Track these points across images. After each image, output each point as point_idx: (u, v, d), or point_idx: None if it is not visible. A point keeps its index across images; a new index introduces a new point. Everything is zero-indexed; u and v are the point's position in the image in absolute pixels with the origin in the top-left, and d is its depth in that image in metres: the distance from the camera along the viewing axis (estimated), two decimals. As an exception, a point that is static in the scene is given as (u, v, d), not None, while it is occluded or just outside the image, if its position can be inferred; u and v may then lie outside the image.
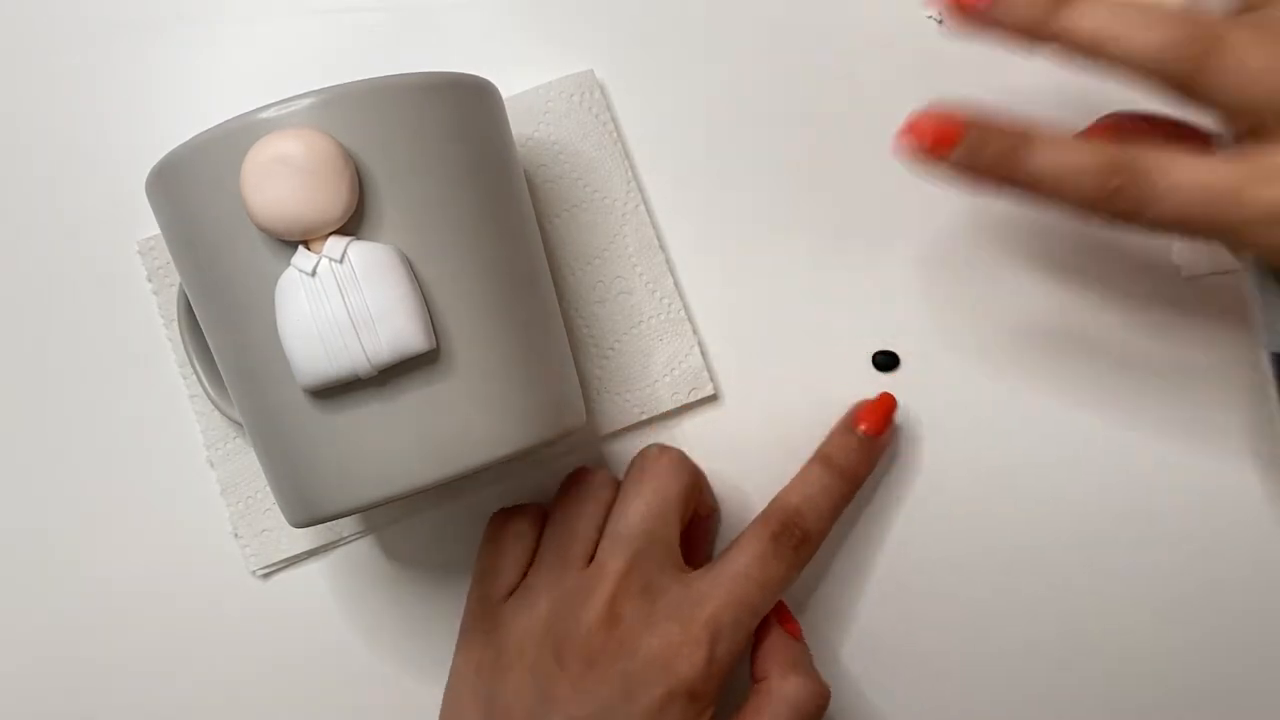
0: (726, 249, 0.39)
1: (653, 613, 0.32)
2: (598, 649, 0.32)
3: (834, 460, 0.36)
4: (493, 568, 0.35)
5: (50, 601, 0.39)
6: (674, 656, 0.31)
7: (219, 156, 0.28)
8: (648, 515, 0.34)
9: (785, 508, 0.35)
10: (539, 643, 0.32)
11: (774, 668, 0.34)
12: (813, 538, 0.34)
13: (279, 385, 0.29)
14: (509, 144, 0.33)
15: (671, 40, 0.39)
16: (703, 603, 0.32)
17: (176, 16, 0.40)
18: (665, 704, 0.31)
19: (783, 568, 0.34)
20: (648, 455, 0.35)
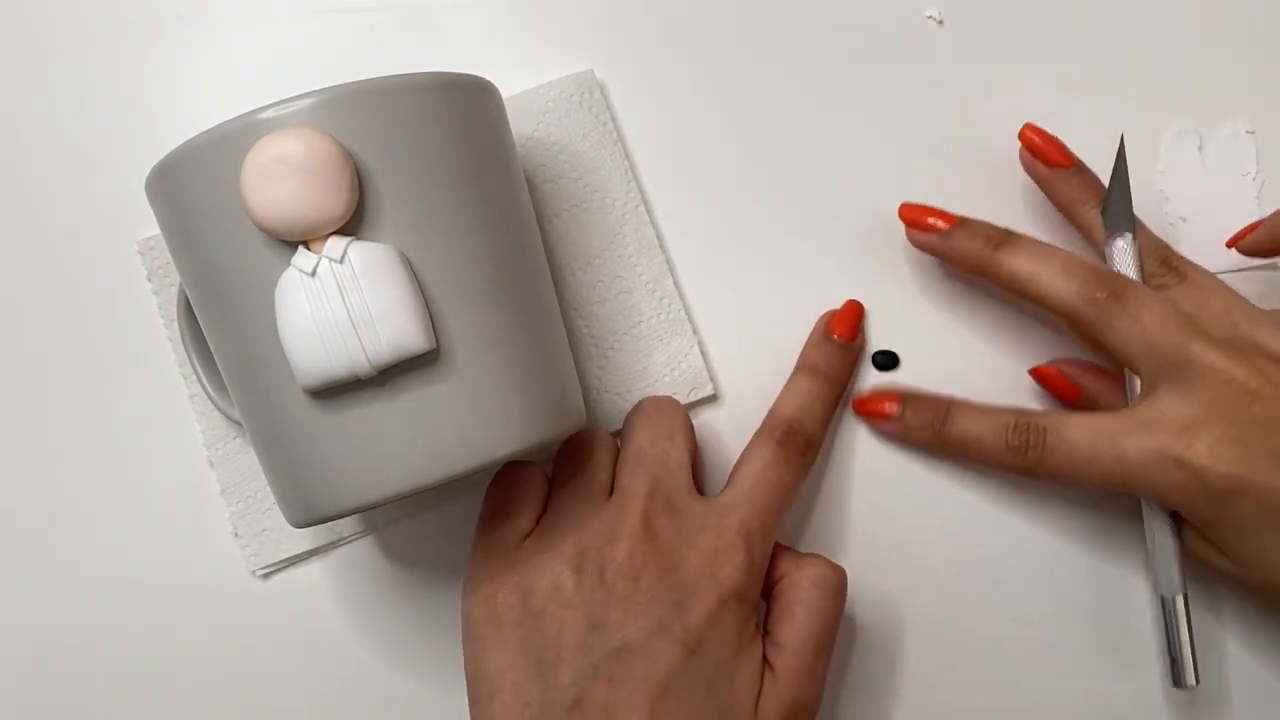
0: (726, 249, 0.39)
1: (684, 527, 0.33)
2: (642, 567, 0.32)
3: (818, 367, 0.37)
4: (504, 512, 0.35)
5: (50, 601, 0.39)
6: (717, 564, 0.32)
7: (219, 156, 0.28)
8: (659, 442, 0.34)
9: (783, 415, 0.36)
10: (575, 574, 0.32)
11: (787, 565, 0.35)
12: (814, 441, 0.36)
13: (279, 385, 0.29)
14: (509, 144, 0.33)
15: (671, 40, 0.39)
16: (731, 512, 0.33)
17: (176, 16, 0.40)
18: (718, 610, 0.32)
19: (791, 472, 0.35)
20: (645, 400, 0.36)
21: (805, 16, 0.39)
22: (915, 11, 0.39)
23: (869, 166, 0.39)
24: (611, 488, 0.35)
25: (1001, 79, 0.39)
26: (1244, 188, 0.39)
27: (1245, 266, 0.39)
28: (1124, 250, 0.35)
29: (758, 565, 0.33)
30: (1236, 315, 0.34)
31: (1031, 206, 0.39)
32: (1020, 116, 0.39)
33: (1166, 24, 0.40)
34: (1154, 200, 0.39)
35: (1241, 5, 0.40)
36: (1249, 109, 0.39)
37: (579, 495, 0.34)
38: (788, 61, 0.39)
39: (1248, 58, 0.40)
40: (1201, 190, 0.39)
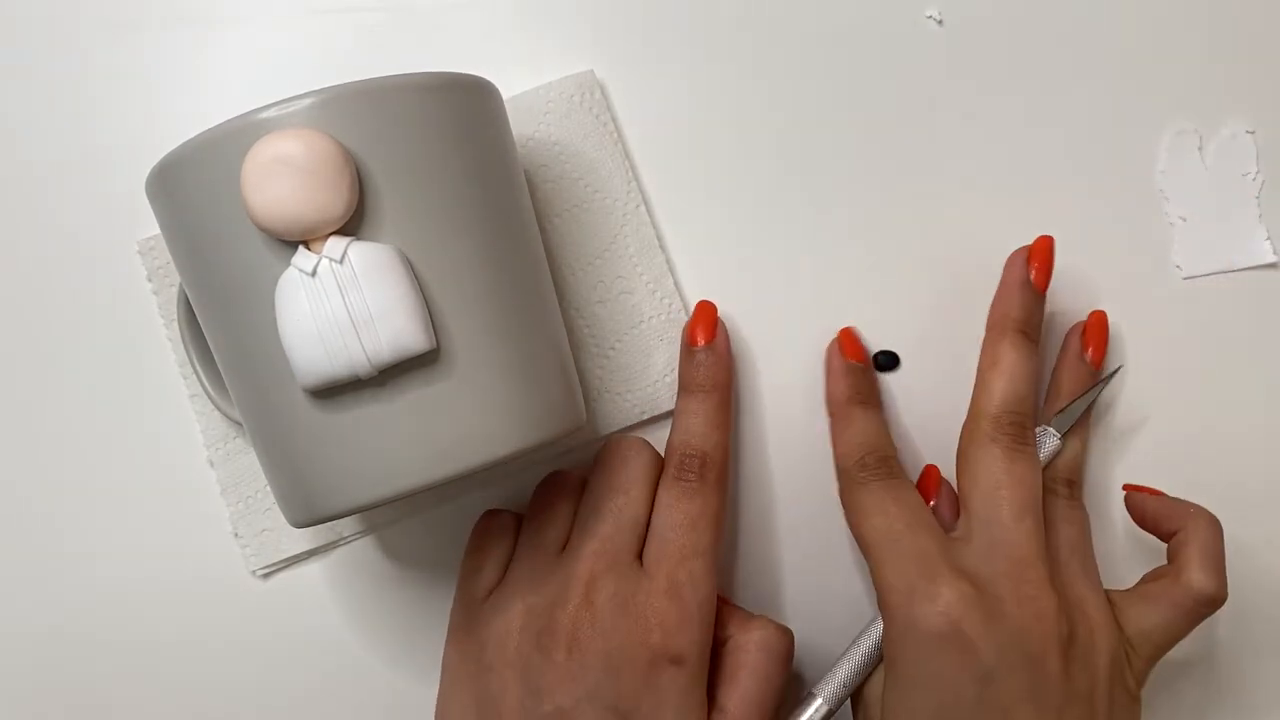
0: (726, 249, 0.39)
1: (622, 589, 0.33)
2: (579, 634, 0.32)
3: (690, 382, 0.36)
4: (474, 568, 0.36)
5: (50, 601, 0.39)
6: (647, 628, 0.32)
7: (219, 156, 0.28)
8: (613, 496, 0.34)
9: (673, 446, 0.35)
10: (519, 636, 0.33)
11: (733, 628, 0.34)
12: (711, 456, 0.35)
13: (279, 385, 0.29)
14: (509, 144, 0.33)
15: (671, 40, 0.39)
16: (656, 570, 0.33)
17: (176, 16, 0.40)
18: (650, 675, 0.32)
19: (699, 499, 0.34)
20: (608, 444, 0.36)
21: (805, 16, 0.39)
22: (915, 11, 0.39)
23: (869, 166, 0.39)
24: (567, 540, 0.35)
25: (1001, 79, 0.39)
26: (1244, 188, 0.39)
27: (1244, 266, 0.39)
28: (1045, 445, 0.35)
29: (693, 618, 0.33)
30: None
31: (1028, 203, 0.39)
32: (1020, 116, 0.39)
33: (1167, 24, 0.40)
34: (1154, 200, 0.39)
35: (1241, 5, 0.40)
36: (1249, 109, 0.39)
37: (535, 550, 0.35)
38: (787, 62, 0.39)
39: (1248, 58, 0.40)
40: (1201, 190, 0.39)
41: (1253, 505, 0.38)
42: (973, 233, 0.39)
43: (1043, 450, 0.35)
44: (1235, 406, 0.39)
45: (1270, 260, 0.39)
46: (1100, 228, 0.39)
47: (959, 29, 0.39)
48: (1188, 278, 0.39)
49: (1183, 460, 0.38)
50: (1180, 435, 0.39)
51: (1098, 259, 0.39)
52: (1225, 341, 0.39)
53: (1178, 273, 0.39)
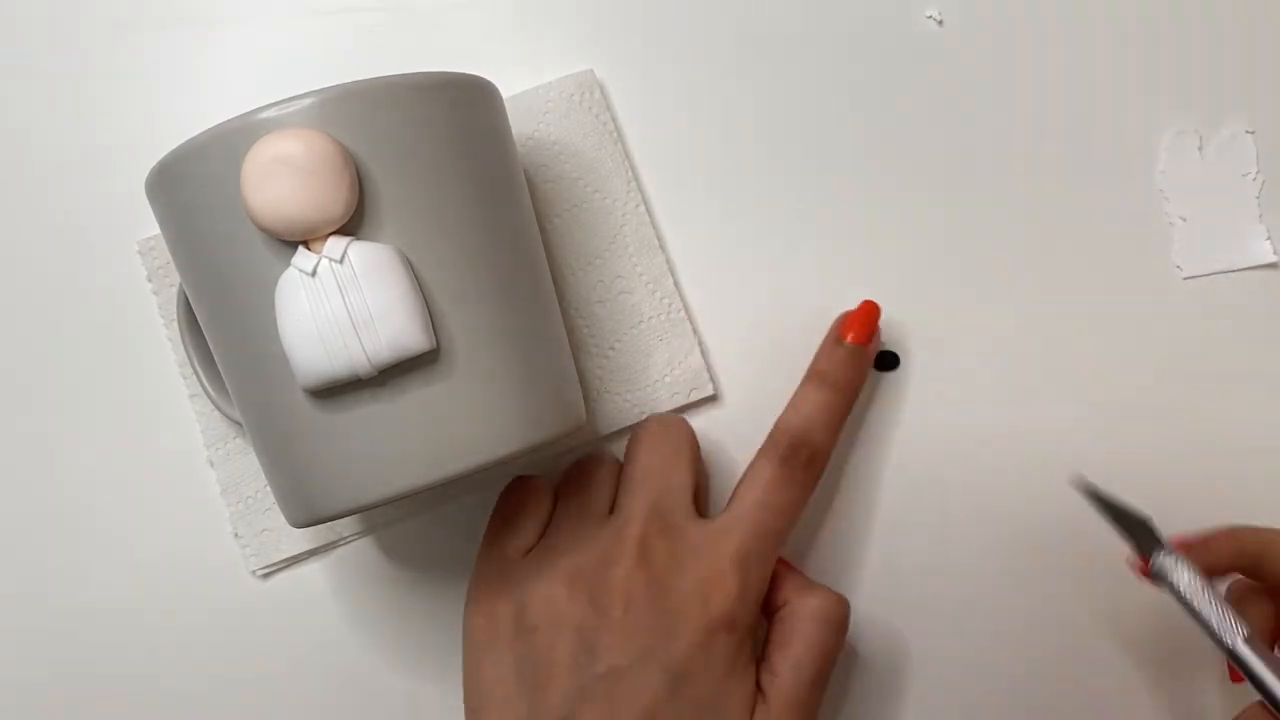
0: (726, 249, 0.39)
1: (679, 551, 0.33)
2: (634, 592, 0.32)
3: (827, 376, 0.36)
4: (509, 525, 0.35)
5: (50, 601, 0.39)
6: (708, 591, 0.32)
7: (219, 156, 0.28)
8: (661, 463, 0.34)
9: (788, 429, 0.35)
10: (569, 593, 0.32)
11: (789, 592, 0.34)
12: (820, 454, 0.35)
13: (279, 385, 0.29)
14: (509, 144, 0.33)
15: (671, 40, 0.39)
16: (727, 537, 0.33)
17: (176, 16, 0.40)
18: (707, 637, 0.32)
19: (796, 489, 0.34)
20: (648, 421, 0.36)
21: (805, 16, 0.39)
22: (915, 11, 0.39)
23: (868, 165, 0.39)
24: (612, 507, 0.34)
25: (1001, 79, 0.39)
26: (1244, 188, 0.39)
27: (1244, 266, 0.39)
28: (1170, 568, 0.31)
29: (752, 591, 0.33)
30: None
31: (1028, 202, 0.39)
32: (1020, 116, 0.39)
33: (1166, 24, 0.40)
34: (1154, 200, 0.39)
35: (1241, 5, 0.40)
36: (1249, 109, 0.39)
37: (580, 514, 0.34)
38: (788, 61, 0.39)
39: (1248, 58, 0.40)
40: (1201, 190, 0.39)
41: (1253, 505, 0.38)
42: (973, 232, 0.39)
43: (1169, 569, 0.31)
44: (1235, 406, 0.39)
45: (1270, 260, 0.39)
46: (1100, 228, 0.39)
47: (959, 29, 0.39)
48: (1188, 278, 0.39)
49: (1183, 460, 0.38)
50: (1180, 435, 0.38)
51: (1098, 259, 0.39)
52: (1225, 341, 0.39)
53: (1178, 273, 0.39)
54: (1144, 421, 0.38)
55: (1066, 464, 0.38)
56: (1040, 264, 0.39)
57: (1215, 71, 0.40)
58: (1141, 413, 0.38)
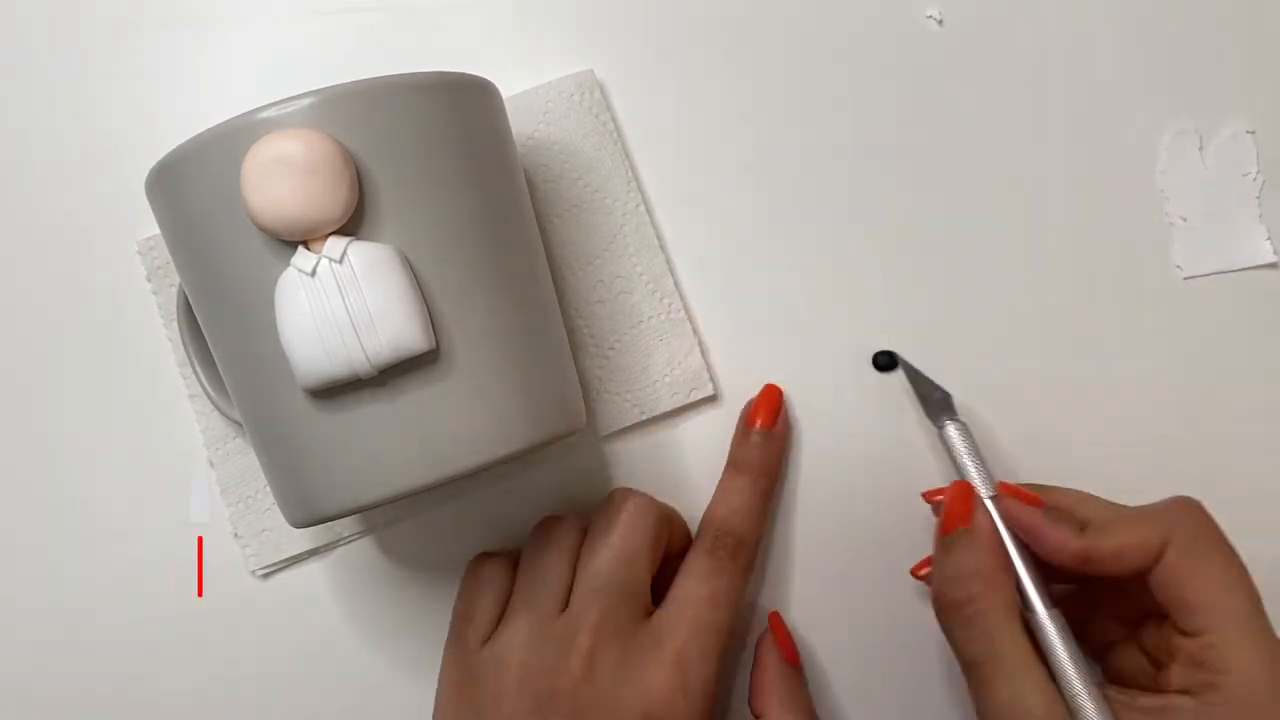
0: (726, 249, 0.39)
1: (627, 658, 0.32)
2: (580, 703, 0.32)
3: (742, 464, 0.37)
4: (466, 615, 0.35)
5: (50, 601, 0.39)
6: (650, 701, 0.32)
7: (219, 156, 0.28)
8: (617, 565, 0.34)
9: (712, 521, 0.36)
10: (515, 699, 0.32)
11: (771, 705, 0.35)
12: (746, 540, 0.35)
13: (279, 385, 0.29)
14: (509, 144, 0.33)
15: (671, 40, 0.39)
16: (666, 641, 0.33)
17: (176, 16, 0.40)
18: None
19: (726, 579, 0.34)
20: (613, 501, 0.35)
21: (805, 16, 0.39)
22: (915, 11, 0.39)
23: (868, 165, 0.39)
24: (566, 600, 0.34)
25: (1002, 79, 0.39)
26: (1244, 188, 0.39)
27: (1244, 266, 0.39)
28: (953, 436, 0.35)
29: (695, 694, 0.32)
30: None
31: (1028, 202, 0.39)
32: (1021, 116, 0.39)
33: (1166, 24, 0.40)
34: (1154, 200, 0.39)
35: (1241, 5, 0.40)
36: (1249, 109, 0.39)
37: (533, 608, 0.34)
38: (787, 61, 0.39)
39: (1248, 58, 0.40)
40: (1201, 190, 0.39)
41: (1253, 506, 0.38)
42: (973, 232, 0.39)
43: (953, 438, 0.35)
44: (1235, 406, 0.39)
45: (1270, 260, 0.39)
46: (1100, 228, 0.39)
47: (959, 29, 0.39)
48: (1188, 278, 0.39)
49: (1182, 461, 0.38)
50: (1180, 435, 0.38)
51: (1098, 259, 0.39)
52: (1225, 341, 0.39)
53: (1178, 273, 0.39)
54: (1144, 421, 0.38)
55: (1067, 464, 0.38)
56: (1040, 263, 0.39)
57: (1215, 71, 0.40)
58: (1141, 412, 0.38)
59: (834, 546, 0.38)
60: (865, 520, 0.38)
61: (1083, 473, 0.37)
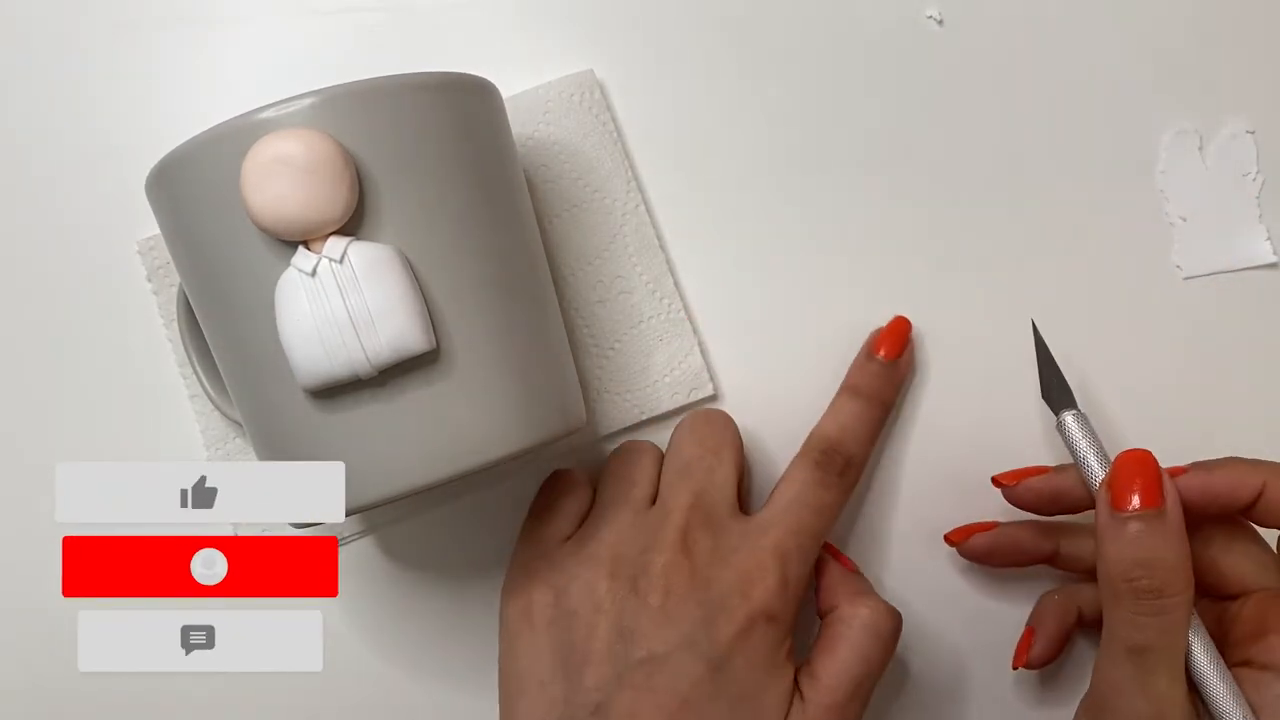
0: (726, 249, 0.39)
1: (721, 544, 0.33)
2: (674, 581, 0.32)
3: (860, 388, 0.37)
4: (547, 513, 0.35)
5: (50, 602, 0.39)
6: (749, 582, 0.32)
7: (219, 156, 0.28)
8: (705, 456, 0.34)
9: (824, 437, 0.36)
10: (609, 580, 0.32)
11: (842, 598, 0.34)
12: (854, 462, 0.35)
13: (279, 385, 0.29)
14: (509, 144, 0.33)
15: (671, 40, 0.39)
16: (766, 531, 0.33)
17: (176, 16, 0.40)
18: (747, 628, 0.32)
19: (831, 493, 0.34)
20: (695, 413, 0.36)
21: (805, 16, 0.39)
22: (915, 11, 0.39)
23: (868, 165, 0.39)
24: (654, 499, 0.35)
25: (1002, 79, 0.39)
26: (1244, 188, 0.39)
27: (1244, 266, 0.39)
28: (1072, 427, 0.34)
29: (792, 586, 0.33)
30: None
31: (1028, 202, 0.39)
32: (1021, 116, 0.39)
33: (1166, 24, 0.40)
34: (1154, 200, 0.39)
35: (1241, 5, 0.40)
36: (1249, 109, 0.39)
37: (621, 503, 0.34)
38: (787, 61, 0.39)
39: (1248, 58, 0.40)
40: (1201, 190, 0.39)
41: (1253, 505, 0.38)
42: (973, 232, 0.39)
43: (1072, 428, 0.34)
44: (1235, 406, 0.39)
45: (1270, 260, 0.39)
46: (1100, 228, 0.39)
47: (959, 29, 0.39)
48: (1188, 278, 0.39)
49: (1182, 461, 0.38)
50: (1180, 435, 0.38)
51: (1098, 259, 0.39)
52: (1225, 341, 0.39)
53: (1178, 273, 0.39)
54: (1144, 421, 0.38)
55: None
56: (1040, 263, 0.39)
57: (1215, 71, 0.40)
58: (1142, 413, 0.38)
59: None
60: (865, 520, 0.38)
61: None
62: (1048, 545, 0.36)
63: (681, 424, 0.36)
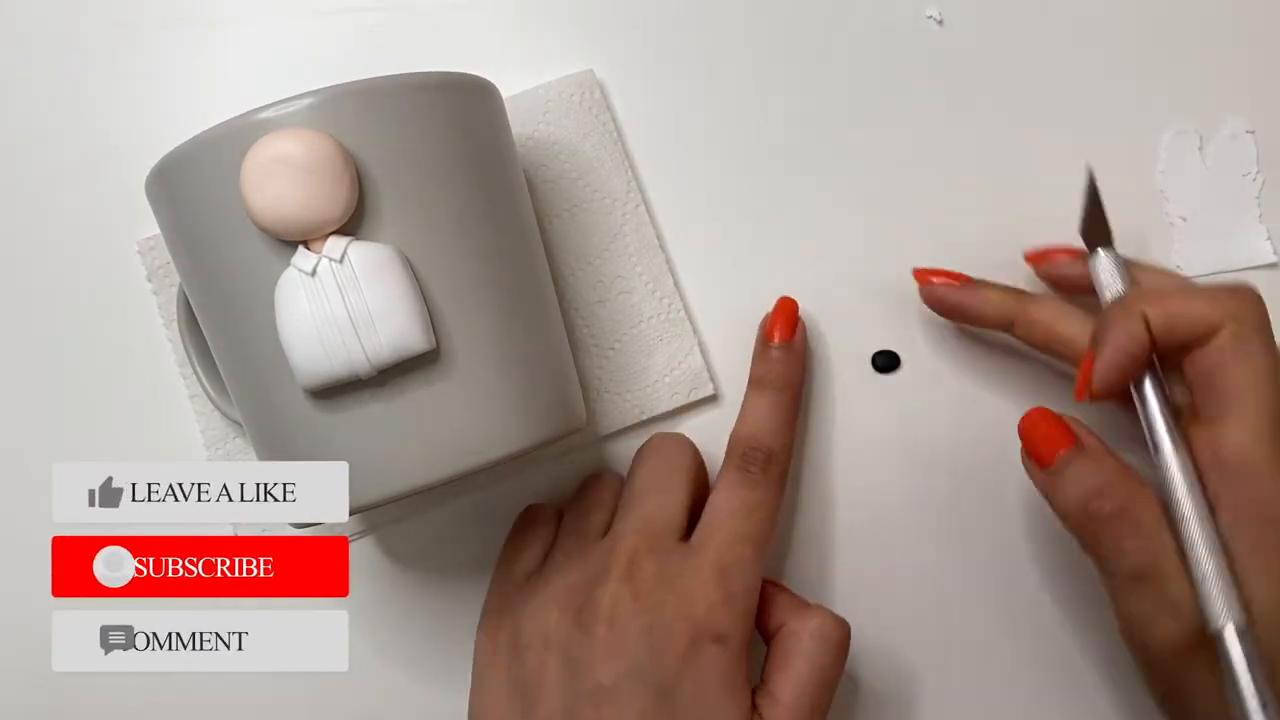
0: (726, 249, 0.39)
1: (666, 570, 0.32)
2: (619, 610, 0.32)
3: (764, 379, 0.37)
4: (513, 553, 0.36)
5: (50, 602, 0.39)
6: (691, 604, 0.32)
7: (219, 156, 0.28)
8: (657, 483, 0.34)
9: (739, 438, 0.36)
10: (559, 613, 0.32)
11: (787, 614, 0.34)
12: (775, 453, 0.35)
13: (279, 385, 0.29)
14: (509, 144, 0.33)
15: (671, 40, 0.39)
16: (703, 550, 0.33)
17: (176, 16, 0.40)
18: (692, 651, 0.31)
19: (759, 490, 0.34)
20: (652, 440, 0.36)
21: (805, 16, 0.39)
22: (915, 11, 0.39)
23: (868, 165, 0.39)
24: (609, 527, 0.35)
25: (1002, 79, 0.39)
26: (1244, 188, 0.39)
27: (1244, 266, 0.39)
28: (1105, 263, 0.34)
29: (739, 602, 0.32)
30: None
31: (1028, 202, 0.39)
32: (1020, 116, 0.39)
33: (1167, 24, 0.40)
34: (1154, 200, 0.39)
35: (1241, 5, 0.40)
36: (1249, 109, 0.39)
37: (575, 534, 0.35)
38: (787, 61, 0.39)
39: (1248, 58, 0.40)
40: (1201, 190, 0.39)
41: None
42: (973, 232, 0.39)
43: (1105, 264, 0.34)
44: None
45: (1270, 260, 0.39)
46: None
47: (959, 29, 0.39)
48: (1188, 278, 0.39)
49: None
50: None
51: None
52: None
53: (1178, 273, 0.39)
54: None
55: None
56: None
57: (1215, 71, 0.40)
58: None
59: (835, 549, 0.38)
60: (865, 520, 0.38)
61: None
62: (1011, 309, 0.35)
63: (640, 450, 0.36)
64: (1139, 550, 0.30)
